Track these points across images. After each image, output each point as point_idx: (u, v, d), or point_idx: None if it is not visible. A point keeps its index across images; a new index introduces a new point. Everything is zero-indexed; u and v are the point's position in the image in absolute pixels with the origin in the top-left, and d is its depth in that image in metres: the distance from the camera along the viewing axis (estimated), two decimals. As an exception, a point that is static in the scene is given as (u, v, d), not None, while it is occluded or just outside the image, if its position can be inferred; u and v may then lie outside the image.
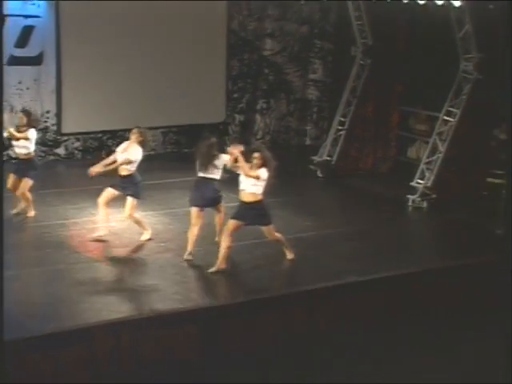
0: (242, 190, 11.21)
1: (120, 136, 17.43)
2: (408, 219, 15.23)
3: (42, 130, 17.27)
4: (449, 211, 14.61)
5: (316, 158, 17.52)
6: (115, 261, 11.94)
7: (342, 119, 17.48)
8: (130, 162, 12.27)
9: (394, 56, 16.79)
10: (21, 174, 13.33)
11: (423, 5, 14.79)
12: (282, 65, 20.11)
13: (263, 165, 11.14)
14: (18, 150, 13.54)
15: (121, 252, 12.24)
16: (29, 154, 13.50)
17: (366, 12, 16.85)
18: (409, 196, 15.16)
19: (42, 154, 17.35)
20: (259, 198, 11.20)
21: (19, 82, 17.27)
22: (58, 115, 17.48)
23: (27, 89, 17.32)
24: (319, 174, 17.34)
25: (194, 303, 10.72)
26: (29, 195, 13.45)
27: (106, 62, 17.74)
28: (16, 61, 17.04)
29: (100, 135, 17.53)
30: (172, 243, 12.62)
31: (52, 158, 17.63)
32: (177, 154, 18.21)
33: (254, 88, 20.00)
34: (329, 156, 17.42)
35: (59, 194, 14.82)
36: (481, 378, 10.14)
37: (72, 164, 17.08)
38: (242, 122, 19.98)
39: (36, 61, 17.38)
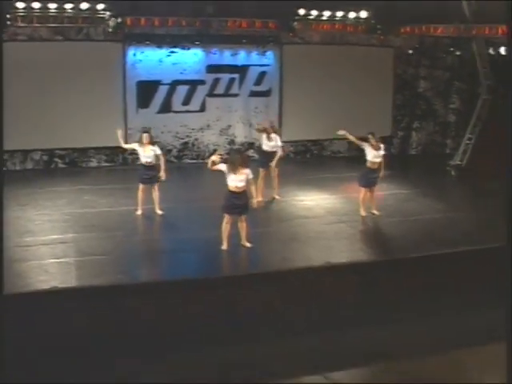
0: None
1: (319, 143, 18.85)
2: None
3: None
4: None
5: (451, 162, 17.46)
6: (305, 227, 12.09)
7: (470, 136, 17.65)
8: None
9: (508, 93, 16.09)
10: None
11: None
12: (430, 98, 20.20)
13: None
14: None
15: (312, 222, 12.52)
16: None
17: (489, 63, 16.67)
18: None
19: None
20: None
21: (256, 107, 18.62)
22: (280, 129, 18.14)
23: (260, 112, 18.55)
24: (452, 173, 17.43)
25: (352, 258, 10.62)
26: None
27: (312, 94, 18.57)
28: (254, 94, 18.46)
29: (306, 142, 18.23)
30: (345, 217, 12.95)
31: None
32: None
33: (411, 113, 20.24)
34: (460, 161, 17.59)
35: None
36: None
37: (286, 161, 17.42)
38: (402, 136, 20.06)
39: (266, 94, 18.62)
